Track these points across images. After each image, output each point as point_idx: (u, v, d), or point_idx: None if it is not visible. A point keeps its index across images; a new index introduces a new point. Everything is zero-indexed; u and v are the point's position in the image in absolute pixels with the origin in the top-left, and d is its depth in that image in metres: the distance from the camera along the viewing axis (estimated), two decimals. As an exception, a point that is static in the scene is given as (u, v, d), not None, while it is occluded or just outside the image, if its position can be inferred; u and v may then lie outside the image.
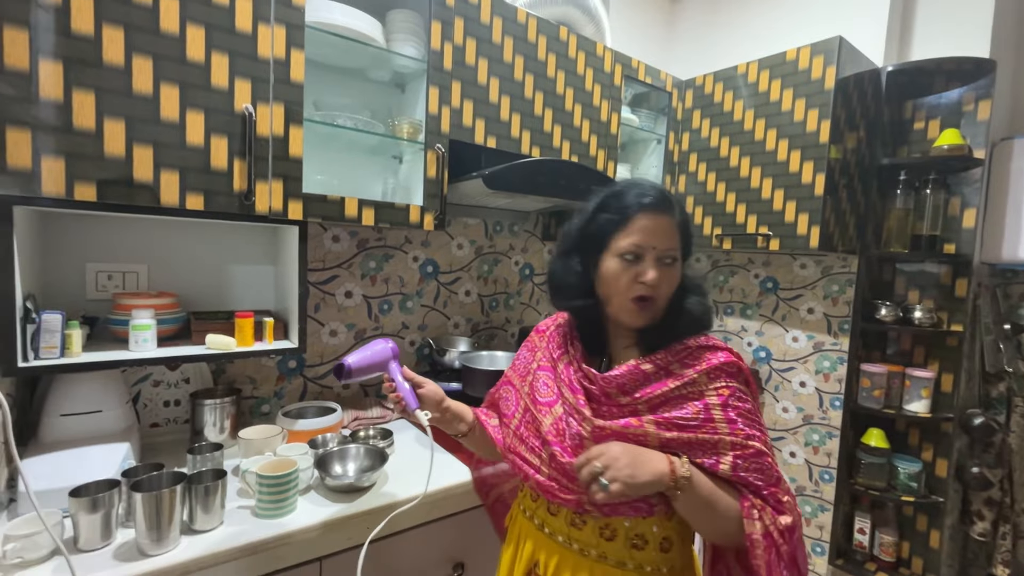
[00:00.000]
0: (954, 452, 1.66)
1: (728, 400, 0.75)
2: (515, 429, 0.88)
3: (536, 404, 0.86)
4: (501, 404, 0.95)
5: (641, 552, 0.78)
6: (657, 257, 0.77)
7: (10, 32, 0.84)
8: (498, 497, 1.11)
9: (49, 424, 1.03)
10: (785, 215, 1.67)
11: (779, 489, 0.74)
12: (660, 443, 0.75)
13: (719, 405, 0.75)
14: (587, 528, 0.79)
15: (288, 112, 1.11)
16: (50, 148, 0.88)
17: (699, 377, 0.77)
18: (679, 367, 0.78)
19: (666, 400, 0.77)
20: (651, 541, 0.78)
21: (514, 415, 0.90)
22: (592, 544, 0.79)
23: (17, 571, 0.78)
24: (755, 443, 0.74)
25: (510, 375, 0.96)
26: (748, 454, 0.73)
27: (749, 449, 0.73)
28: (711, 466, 0.74)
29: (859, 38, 1.73)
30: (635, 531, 0.78)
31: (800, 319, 1.93)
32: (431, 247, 1.73)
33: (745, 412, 0.76)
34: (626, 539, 0.78)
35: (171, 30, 0.97)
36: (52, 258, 1.15)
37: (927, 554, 1.71)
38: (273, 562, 0.91)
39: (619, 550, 0.78)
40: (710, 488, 0.73)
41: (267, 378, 1.45)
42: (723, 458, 0.74)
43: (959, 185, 1.66)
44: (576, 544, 0.80)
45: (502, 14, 1.44)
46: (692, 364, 0.78)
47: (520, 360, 0.96)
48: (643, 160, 2.10)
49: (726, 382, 0.76)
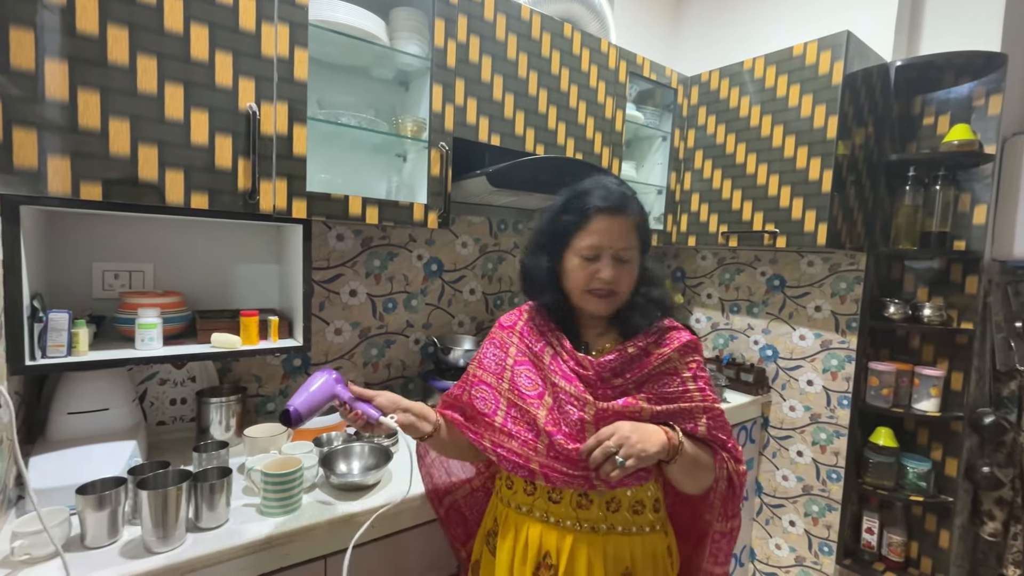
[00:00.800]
0: (964, 451, 1.64)
1: (696, 372, 0.90)
2: (501, 426, 0.88)
3: (524, 399, 0.88)
4: (477, 404, 0.93)
5: (640, 516, 0.88)
6: (613, 256, 0.86)
7: (16, 32, 0.84)
8: (451, 504, 1.08)
9: (56, 422, 1.04)
10: (792, 212, 1.66)
11: (735, 441, 0.91)
12: (652, 416, 0.85)
13: (691, 377, 0.89)
14: (594, 507, 0.86)
15: (292, 111, 1.11)
16: (56, 148, 0.89)
17: (673, 354, 0.88)
18: (655, 347, 0.89)
19: (649, 378, 0.88)
20: (647, 504, 0.89)
21: (496, 412, 0.90)
22: (601, 519, 0.86)
23: (24, 568, 0.78)
24: (719, 406, 0.89)
25: (480, 374, 0.96)
26: (715, 415, 0.89)
27: (715, 411, 0.89)
28: (691, 429, 0.87)
29: (867, 32, 1.70)
30: (635, 498, 0.88)
31: (807, 317, 1.91)
32: (435, 245, 1.73)
33: (708, 381, 0.91)
34: (629, 507, 0.87)
35: (175, 29, 0.97)
36: (59, 257, 1.16)
37: (936, 554, 1.69)
38: (278, 560, 0.92)
39: (624, 519, 0.87)
40: (695, 449, 0.86)
41: (272, 376, 1.45)
42: (700, 421, 0.87)
43: (969, 181, 1.64)
44: (586, 524, 0.86)
45: (506, 11, 1.44)
46: (666, 344, 0.89)
47: (489, 359, 0.96)
48: (648, 157, 2.09)
49: (692, 356, 0.90)
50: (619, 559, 0.85)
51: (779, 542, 2.01)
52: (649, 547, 0.88)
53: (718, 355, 2.19)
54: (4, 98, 0.84)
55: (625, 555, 0.86)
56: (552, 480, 0.83)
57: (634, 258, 0.88)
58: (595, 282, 0.86)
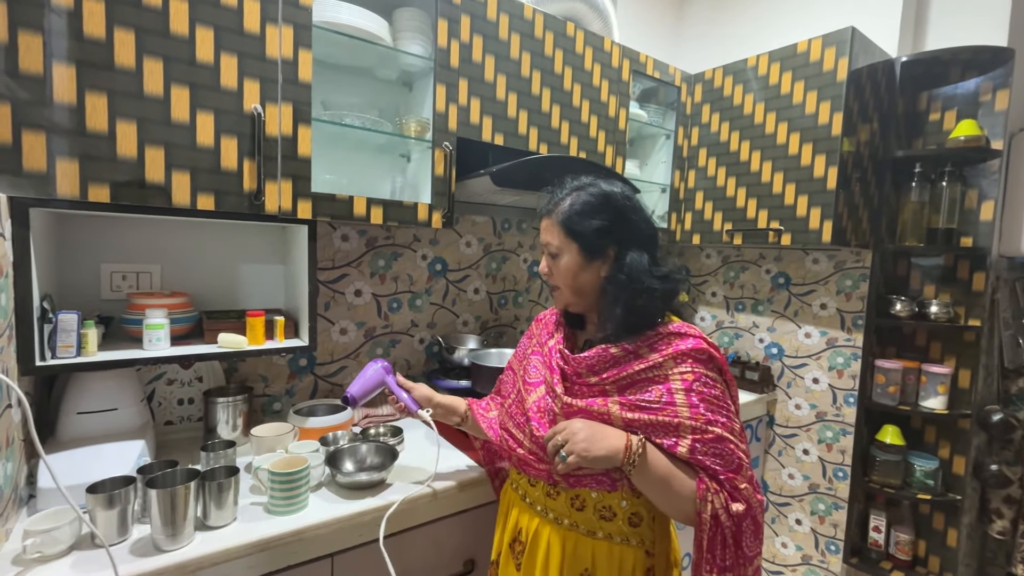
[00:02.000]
0: (972, 449, 1.63)
1: (692, 385, 0.80)
2: (508, 408, 0.98)
3: (525, 384, 0.96)
4: (503, 387, 1.10)
5: (610, 523, 0.85)
6: (546, 252, 0.92)
7: (24, 37, 0.85)
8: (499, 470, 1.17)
9: (66, 422, 1.05)
10: (797, 210, 1.65)
11: (738, 476, 0.77)
12: (624, 423, 0.81)
13: (682, 389, 0.80)
14: (560, 499, 0.88)
15: (296, 112, 1.11)
16: (64, 150, 0.90)
17: (665, 361, 0.82)
18: (648, 351, 0.84)
19: (633, 382, 0.83)
20: (619, 514, 0.84)
21: (509, 395, 1.01)
22: (565, 514, 0.87)
23: (36, 566, 0.79)
24: (716, 428, 0.78)
25: (511, 361, 1.09)
26: (707, 439, 0.77)
27: (709, 434, 0.77)
28: (670, 447, 0.78)
29: (872, 28, 1.69)
30: (603, 503, 0.85)
31: (813, 315, 1.90)
32: (440, 245, 1.73)
33: (710, 397, 0.79)
34: (594, 510, 0.85)
35: (181, 32, 0.98)
36: (68, 259, 1.17)
37: (944, 553, 1.68)
38: (285, 558, 0.92)
39: (589, 520, 0.85)
40: (665, 468, 0.78)
41: (278, 376, 1.46)
42: (682, 440, 0.78)
43: (976, 177, 1.62)
44: (551, 513, 0.88)
45: (509, 11, 1.44)
46: (660, 349, 0.83)
47: (520, 347, 1.08)
48: (652, 155, 2.09)
49: (691, 367, 0.81)
50: (579, 557, 0.85)
51: (785, 540, 2.00)
52: (617, 558, 0.84)
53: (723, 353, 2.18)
54: (13, 102, 0.85)
55: (586, 556, 0.85)
56: (524, 468, 0.91)
57: (563, 252, 0.89)
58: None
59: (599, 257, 0.88)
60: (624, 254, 0.86)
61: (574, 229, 0.88)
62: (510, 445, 0.93)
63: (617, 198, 0.89)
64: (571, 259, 0.89)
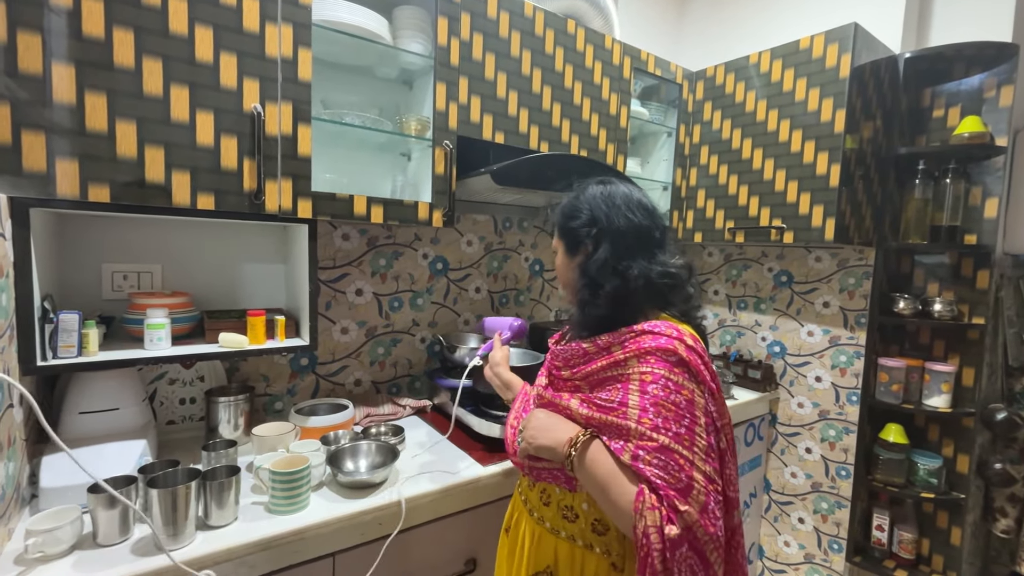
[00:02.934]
0: (976, 448, 1.62)
1: (648, 387, 0.73)
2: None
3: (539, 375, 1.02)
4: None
5: (572, 524, 0.84)
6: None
7: (24, 37, 0.85)
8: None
9: (68, 422, 1.05)
10: (799, 207, 1.64)
11: (678, 494, 0.67)
12: (584, 420, 0.79)
13: (637, 391, 0.74)
14: (535, 491, 0.90)
15: (296, 111, 1.11)
16: (64, 150, 0.90)
17: (629, 359, 0.77)
18: (618, 348, 0.79)
19: (601, 380, 0.80)
20: (582, 516, 0.83)
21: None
22: (536, 506, 0.90)
23: (38, 565, 0.79)
24: (661, 436, 0.70)
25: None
26: (650, 447, 0.70)
27: (652, 442, 0.70)
28: (616, 451, 0.72)
29: (875, 24, 1.68)
30: (564, 502, 0.85)
31: (815, 313, 1.89)
32: (440, 244, 1.73)
33: (663, 401, 0.72)
34: (558, 507, 0.86)
35: (180, 31, 0.98)
36: (68, 259, 1.17)
37: (948, 551, 1.67)
38: (287, 557, 0.92)
39: (553, 517, 0.87)
40: (606, 472, 0.72)
41: (280, 376, 1.46)
42: (627, 445, 0.72)
43: (980, 174, 1.61)
44: (528, 504, 0.93)
45: (509, 8, 1.43)
46: (628, 346, 0.78)
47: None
48: (653, 153, 2.08)
49: (652, 367, 0.74)
50: (543, 553, 0.87)
51: (788, 539, 2.00)
52: (579, 561, 0.82)
53: (725, 351, 2.18)
54: (13, 102, 0.85)
55: (549, 553, 0.86)
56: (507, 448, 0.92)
57: (557, 251, 0.94)
58: None
59: (578, 254, 0.89)
60: (595, 251, 0.85)
61: (561, 228, 0.92)
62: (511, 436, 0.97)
63: (595, 195, 0.88)
64: (560, 256, 0.94)
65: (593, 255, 0.85)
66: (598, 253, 0.84)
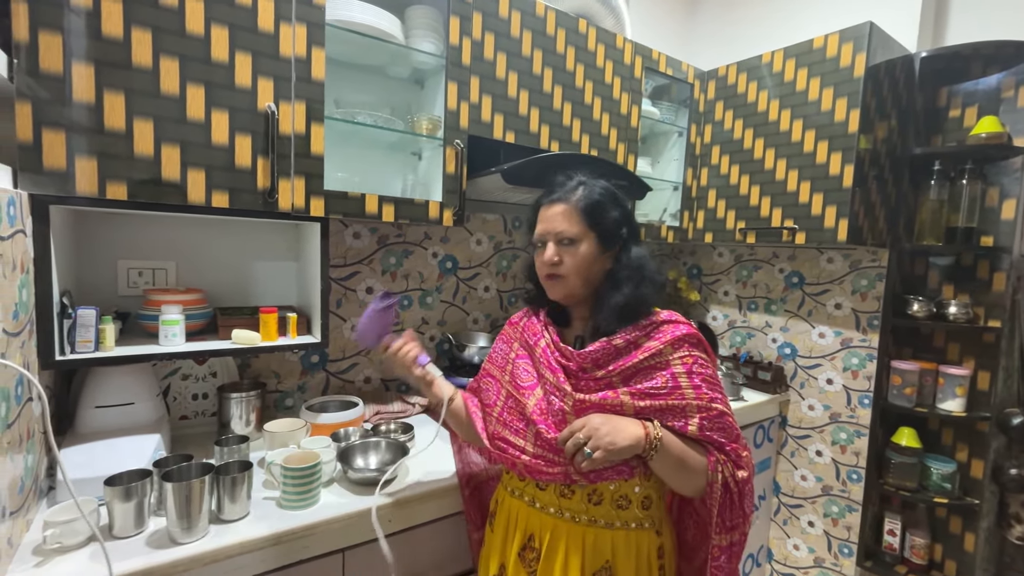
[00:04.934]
0: (991, 453, 1.60)
1: (692, 368, 0.85)
2: (498, 416, 0.95)
3: (519, 389, 0.93)
4: (482, 395, 1.03)
5: (626, 511, 0.87)
6: (555, 240, 0.90)
7: (45, 37, 0.86)
8: (475, 487, 1.13)
9: (85, 415, 1.07)
10: (812, 208, 1.63)
11: (739, 445, 0.85)
12: (635, 411, 0.84)
13: (684, 373, 0.85)
14: (576, 497, 0.87)
15: (310, 110, 1.12)
16: (83, 149, 0.91)
17: (664, 348, 0.86)
18: (646, 340, 0.87)
19: (637, 371, 0.86)
20: (634, 500, 0.87)
21: (495, 403, 0.97)
22: (581, 511, 0.87)
23: (56, 556, 0.81)
24: (718, 405, 0.84)
25: (488, 367, 1.04)
26: (712, 415, 0.84)
27: (713, 411, 0.84)
28: (680, 428, 0.83)
29: (891, 23, 1.66)
30: (619, 493, 0.87)
31: (827, 315, 1.88)
32: (450, 243, 1.74)
33: (708, 377, 0.86)
34: (612, 501, 0.86)
35: (196, 31, 0.99)
36: (86, 255, 1.19)
37: (961, 557, 1.65)
38: (297, 552, 0.93)
39: (607, 512, 0.87)
40: (681, 447, 0.83)
41: (291, 372, 1.48)
42: (691, 420, 0.83)
43: (997, 175, 1.59)
44: (567, 513, 0.87)
45: (521, 8, 1.43)
46: (656, 337, 0.87)
47: (497, 353, 1.04)
48: (664, 153, 2.07)
49: (688, 351, 0.87)
50: (599, 551, 0.86)
51: (797, 542, 1.98)
52: (633, 543, 0.87)
53: (735, 353, 2.16)
54: (34, 101, 0.87)
55: (606, 548, 0.87)
56: (534, 475, 0.87)
57: (581, 240, 0.89)
58: (543, 267, 0.92)
59: (611, 248, 0.91)
60: (629, 247, 0.92)
61: (595, 218, 0.89)
62: (512, 454, 0.89)
63: (623, 195, 0.94)
64: (588, 248, 0.89)
65: (630, 250, 0.91)
66: (635, 251, 0.91)
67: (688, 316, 2.26)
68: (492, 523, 1.00)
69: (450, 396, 1.04)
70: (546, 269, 0.92)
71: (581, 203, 0.90)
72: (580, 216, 0.89)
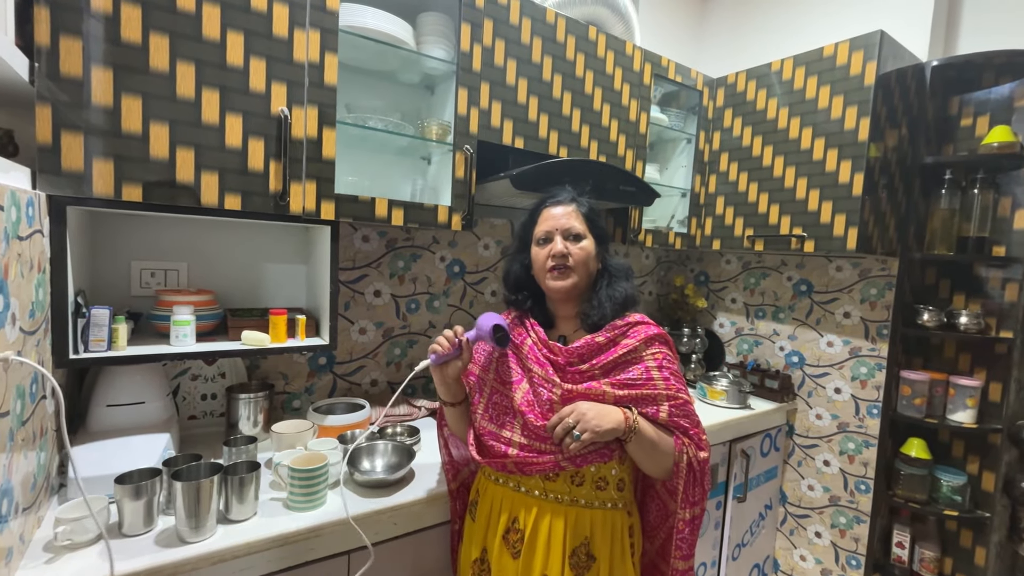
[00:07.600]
0: (1002, 465, 1.58)
1: (662, 363, 0.97)
2: (483, 413, 1.01)
3: (504, 385, 1.00)
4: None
5: (604, 492, 0.96)
6: (563, 234, 0.99)
7: (65, 41, 0.88)
8: (462, 480, 1.14)
9: (96, 414, 1.08)
10: (821, 216, 1.62)
11: (700, 430, 0.97)
12: (615, 400, 0.93)
13: (656, 367, 0.96)
14: (559, 479, 0.95)
15: (322, 115, 1.13)
16: (100, 151, 0.93)
17: (639, 345, 0.97)
18: (623, 338, 0.98)
19: (616, 365, 0.96)
20: (611, 482, 0.96)
21: (479, 402, 1.02)
22: (565, 492, 0.94)
23: (66, 552, 0.82)
24: (683, 395, 0.96)
25: (471, 367, 1.08)
26: (679, 404, 0.95)
27: (679, 400, 0.95)
28: (652, 414, 0.94)
29: (902, 32, 1.66)
30: (599, 475, 0.95)
31: (835, 323, 1.86)
32: (458, 247, 1.74)
33: (674, 372, 0.98)
34: (592, 482, 0.95)
35: (212, 36, 1.01)
36: (100, 256, 1.21)
37: (972, 571, 1.63)
38: (304, 553, 0.93)
39: (587, 493, 0.95)
40: (654, 431, 0.93)
41: (298, 374, 1.48)
42: (661, 408, 0.94)
43: (1010, 184, 1.58)
44: (552, 495, 0.95)
45: (531, 15, 1.44)
46: (632, 335, 0.98)
47: (480, 353, 1.09)
48: (672, 160, 2.07)
49: (659, 348, 0.98)
50: (579, 529, 0.94)
51: (804, 553, 1.96)
52: (609, 522, 0.96)
53: (742, 360, 2.15)
54: (53, 104, 0.88)
55: (585, 525, 0.94)
56: (522, 470, 0.94)
57: (585, 237, 1.00)
58: (550, 260, 0.99)
59: (602, 251, 1.04)
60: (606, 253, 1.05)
61: (593, 222, 1.03)
62: (500, 451, 0.95)
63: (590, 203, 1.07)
64: (590, 245, 1.01)
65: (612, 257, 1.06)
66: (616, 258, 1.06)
67: (695, 323, 2.26)
68: (473, 512, 1.04)
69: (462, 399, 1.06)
70: (553, 262, 0.99)
71: (583, 208, 1.03)
72: (583, 218, 1.02)
